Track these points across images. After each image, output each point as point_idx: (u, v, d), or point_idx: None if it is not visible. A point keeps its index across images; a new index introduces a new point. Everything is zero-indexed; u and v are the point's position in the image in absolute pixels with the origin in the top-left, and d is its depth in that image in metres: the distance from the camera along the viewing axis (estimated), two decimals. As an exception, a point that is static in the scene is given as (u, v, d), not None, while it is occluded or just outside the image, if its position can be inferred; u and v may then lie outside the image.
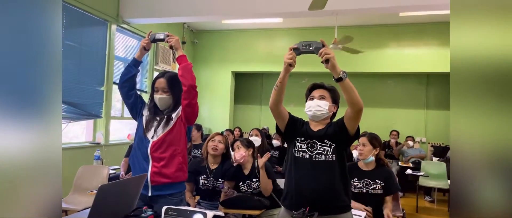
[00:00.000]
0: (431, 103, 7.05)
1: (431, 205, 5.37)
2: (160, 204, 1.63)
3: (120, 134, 5.35)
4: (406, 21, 6.14)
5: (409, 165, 5.42)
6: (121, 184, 1.52)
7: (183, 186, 1.87)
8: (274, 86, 1.64)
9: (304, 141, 1.67)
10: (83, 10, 4.26)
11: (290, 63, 1.54)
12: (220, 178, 2.52)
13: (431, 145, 6.84)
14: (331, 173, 1.62)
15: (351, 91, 1.51)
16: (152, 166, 1.76)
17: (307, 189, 1.62)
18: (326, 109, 1.69)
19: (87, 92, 4.39)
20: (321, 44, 1.51)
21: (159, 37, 1.87)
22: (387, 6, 4.09)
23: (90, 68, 4.45)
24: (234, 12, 4.65)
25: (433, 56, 6.16)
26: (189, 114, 1.82)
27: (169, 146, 1.78)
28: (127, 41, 5.37)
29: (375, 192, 2.40)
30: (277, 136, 4.77)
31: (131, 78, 1.88)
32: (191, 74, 1.79)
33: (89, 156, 4.12)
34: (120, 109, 5.24)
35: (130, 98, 1.88)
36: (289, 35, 6.85)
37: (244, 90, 7.88)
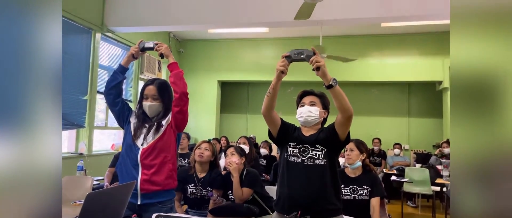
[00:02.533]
0: (413, 111, 7.24)
1: (415, 210, 5.47)
2: (150, 212, 1.60)
3: (103, 145, 5.23)
4: (388, 31, 6.34)
5: (394, 172, 5.53)
6: (109, 192, 1.49)
7: (173, 193, 1.85)
8: (267, 93, 1.67)
9: (296, 146, 1.69)
10: (67, 18, 4.20)
11: (282, 70, 1.58)
12: (208, 186, 2.50)
13: (414, 152, 7.00)
14: (323, 177, 1.64)
15: (341, 98, 1.56)
16: (142, 174, 1.74)
17: (299, 193, 1.64)
18: (317, 114, 1.72)
19: (69, 101, 4.29)
20: (312, 52, 1.55)
21: (149, 46, 1.87)
22: (370, 16, 4.21)
23: (74, 77, 4.37)
24: (220, 21, 4.68)
25: (414, 65, 6.36)
26: (180, 121, 1.81)
27: (159, 152, 1.76)
28: (112, 49, 5.31)
29: (362, 198, 2.43)
30: (264, 144, 4.77)
31: (117, 85, 1.86)
32: (183, 81, 1.80)
33: (71, 167, 4.00)
34: (103, 119, 5.14)
35: (117, 105, 1.86)
36: (274, 45, 6.94)
37: (230, 99, 7.88)
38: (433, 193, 5.02)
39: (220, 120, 7.51)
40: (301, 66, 1.59)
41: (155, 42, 1.88)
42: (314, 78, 5.56)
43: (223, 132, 7.46)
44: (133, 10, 4.81)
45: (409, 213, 5.30)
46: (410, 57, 6.41)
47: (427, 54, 6.28)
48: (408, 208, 5.59)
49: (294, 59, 1.58)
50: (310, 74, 1.75)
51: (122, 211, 1.53)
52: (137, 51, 1.88)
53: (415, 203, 5.65)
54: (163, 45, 1.87)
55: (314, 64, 1.52)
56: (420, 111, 7.17)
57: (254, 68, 6.98)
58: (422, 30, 6.15)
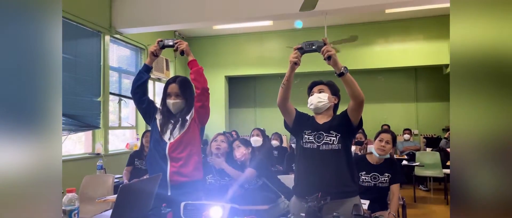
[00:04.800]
0: (420, 96, 7.24)
1: (428, 194, 5.52)
2: (178, 202, 1.69)
3: (116, 145, 5.35)
4: (392, 18, 6.33)
5: (404, 157, 5.58)
6: (139, 184, 1.58)
7: (199, 184, 1.95)
8: (281, 85, 1.74)
9: (311, 133, 1.76)
10: (77, 22, 4.30)
11: (295, 61, 1.65)
12: (226, 176, 2.59)
13: (423, 136, 7.02)
14: (338, 161, 1.72)
15: (352, 85, 1.63)
16: (170, 166, 1.84)
17: (316, 177, 1.71)
18: (326, 99, 1.79)
19: (84, 104, 4.40)
20: (323, 43, 1.62)
21: (169, 44, 1.95)
22: (374, 3, 4.24)
23: (86, 80, 4.48)
24: (224, 16, 4.74)
25: (420, 50, 6.35)
26: (202, 115, 1.91)
27: (186, 146, 1.86)
28: (121, 51, 5.41)
29: (382, 185, 2.46)
30: (275, 136, 4.85)
31: (142, 84, 1.95)
32: (203, 77, 1.89)
33: (90, 167, 4.13)
34: (116, 120, 5.26)
35: (143, 103, 1.95)
36: (279, 38, 6.98)
37: (238, 94, 7.96)
38: (444, 176, 5.06)
39: (229, 115, 7.60)
40: (305, 59, 1.67)
41: (175, 40, 1.96)
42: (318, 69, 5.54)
43: (233, 126, 7.55)
44: (138, 11, 4.89)
45: (421, 196, 5.36)
46: (416, 42, 6.40)
47: (432, 38, 6.26)
48: (421, 192, 5.64)
49: (306, 50, 1.65)
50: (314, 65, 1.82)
51: (151, 201, 1.63)
52: (157, 49, 1.97)
53: (427, 186, 5.70)
54: (184, 43, 1.95)
55: (326, 54, 1.59)
56: (428, 96, 7.17)
57: (260, 62, 7.03)
58: (426, 14, 6.13)
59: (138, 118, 5.80)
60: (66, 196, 1.42)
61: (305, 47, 1.64)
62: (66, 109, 4.05)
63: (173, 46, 1.95)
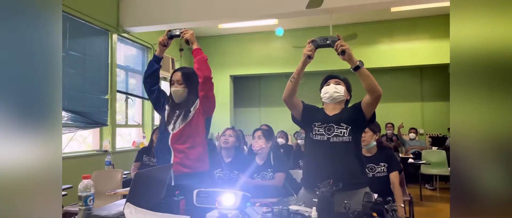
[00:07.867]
0: (426, 95, 7.22)
1: (434, 193, 5.50)
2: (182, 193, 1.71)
3: (123, 144, 5.39)
4: (397, 16, 6.33)
5: (410, 156, 5.56)
6: (153, 171, 1.61)
7: (204, 175, 1.95)
8: (290, 78, 1.74)
9: (321, 125, 1.77)
10: (85, 20, 4.35)
11: (309, 54, 1.66)
12: (235, 170, 2.61)
13: (429, 136, 7.00)
14: (348, 153, 1.73)
15: (368, 79, 1.64)
16: (173, 157, 1.86)
17: (326, 169, 1.71)
18: (342, 93, 1.81)
19: (91, 101, 4.45)
20: (337, 38, 1.63)
21: (175, 33, 2.00)
22: (380, 1, 4.25)
23: (94, 77, 4.52)
24: (230, 14, 4.77)
25: (425, 49, 6.34)
26: (206, 105, 1.92)
27: (188, 137, 1.87)
28: (128, 50, 5.45)
29: (381, 175, 2.48)
30: (281, 134, 4.87)
31: (153, 73, 1.98)
32: (207, 65, 1.90)
33: (98, 163, 4.17)
34: (123, 117, 5.30)
35: (153, 93, 1.98)
36: (284, 37, 6.99)
37: (243, 93, 7.98)
38: (450, 175, 5.04)
39: (234, 114, 7.62)
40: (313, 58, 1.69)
41: (181, 29, 1.99)
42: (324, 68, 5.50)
43: (238, 125, 7.56)
44: (145, 10, 4.94)
45: (428, 195, 5.34)
46: (421, 41, 6.39)
47: (438, 37, 6.25)
48: (427, 191, 5.62)
49: (320, 44, 1.66)
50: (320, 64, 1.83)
51: (163, 189, 1.65)
52: (165, 39, 2.00)
53: (433, 185, 5.68)
54: (189, 31, 1.98)
55: (339, 48, 1.60)
56: (434, 95, 7.15)
57: (265, 61, 7.06)
58: (432, 13, 6.12)
59: (144, 117, 5.84)
60: (82, 183, 1.45)
61: (319, 41, 1.66)
62: (74, 106, 4.10)
63: (179, 36, 1.98)
